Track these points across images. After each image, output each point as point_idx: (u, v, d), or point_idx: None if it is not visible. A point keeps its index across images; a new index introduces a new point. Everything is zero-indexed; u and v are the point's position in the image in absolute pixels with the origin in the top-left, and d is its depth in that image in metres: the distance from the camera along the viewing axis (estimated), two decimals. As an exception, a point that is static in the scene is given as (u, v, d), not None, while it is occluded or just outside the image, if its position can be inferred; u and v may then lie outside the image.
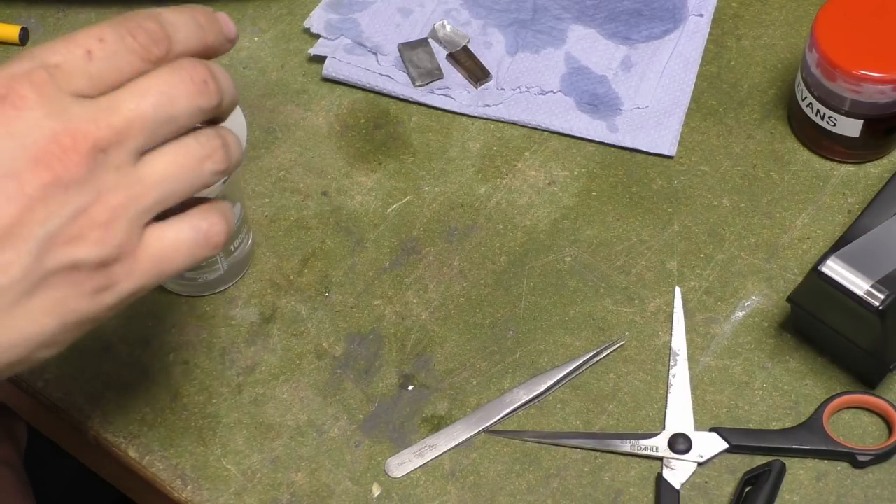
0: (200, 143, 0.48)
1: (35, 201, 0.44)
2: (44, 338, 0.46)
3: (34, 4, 0.87)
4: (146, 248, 0.47)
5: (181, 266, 0.48)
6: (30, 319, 0.45)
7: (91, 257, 0.45)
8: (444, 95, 0.80)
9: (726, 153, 0.77)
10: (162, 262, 0.47)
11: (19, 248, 0.44)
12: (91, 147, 0.44)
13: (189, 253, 0.48)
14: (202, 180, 0.48)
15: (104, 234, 0.45)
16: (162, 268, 0.47)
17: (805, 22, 0.82)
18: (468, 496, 0.65)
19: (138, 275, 0.47)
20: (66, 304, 0.45)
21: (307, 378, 0.69)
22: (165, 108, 0.46)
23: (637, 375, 0.69)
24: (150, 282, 0.47)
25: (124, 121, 0.45)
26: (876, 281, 0.62)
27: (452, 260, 0.73)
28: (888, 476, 0.65)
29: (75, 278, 0.45)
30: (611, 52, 0.81)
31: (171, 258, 0.47)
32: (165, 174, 0.47)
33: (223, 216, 0.49)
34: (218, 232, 0.49)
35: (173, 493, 0.66)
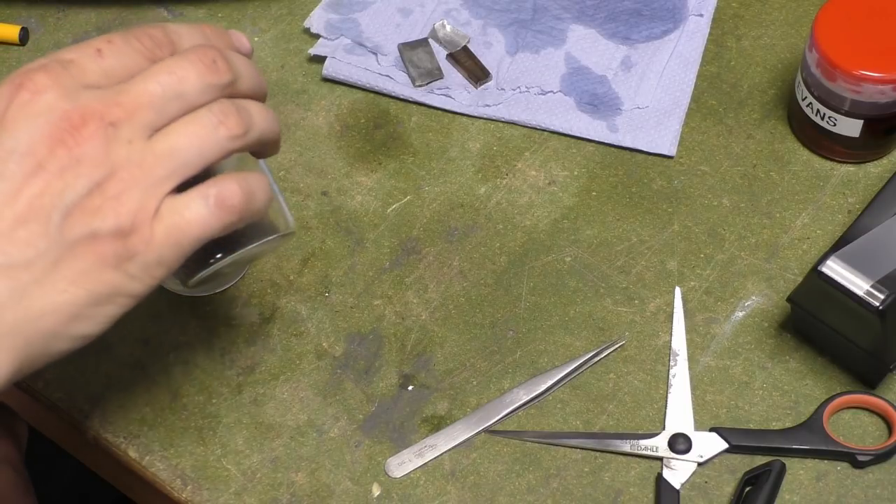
0: (212, 111, 0.49)
1: (52, 175, 0.46)
2: (74, 308, 0.47)
3: (34, 4, 0.87)
4: (161, 219, 0.48)
5: (200, 234, 0.49)
6: (58, 290, 0.47)
7: (107, 227, 0.47)
8: (444, 95, 0.80)
9: (726, 153, 0.77)
10: (178, 232, 0.48)
11: (42, 222, 0.46)
12: (102, 122, 0.47)
13: (203, 221, 0.48)
14: (217, 147, 0.49)
15: (118, 205, 0.47)
16: (178, 238, 0.48)
17: (805, 22, 0.82)
18: (468, 496, 0.65)
19: (156, 245, 0.48)
20: (91, 275, 0.47)
21: (307, 378, 0.69)
22: (173, 86, 0.48)
23: (637, 375, 0.69)
24: (170, 253, 0.48)
25: (133, 98, 0.47)
26: (876, 281, 0.62)
27: (452, 260, 0.73)
28: (888, 476, 0.65)
29: (96, 249, 0.47)
30: (611, 52, 0.81)
31: (185, 227, 0.48)
32: (177, 145, 0.48)
33: (236, 181, 0.49)
34: (231, 195, 0.49)
35: (173, 493, 0.66)
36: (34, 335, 0.47)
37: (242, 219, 0.50)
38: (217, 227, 0.49)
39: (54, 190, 0.46)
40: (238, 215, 0.49)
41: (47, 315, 0.47)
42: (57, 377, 0.70)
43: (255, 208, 0.50)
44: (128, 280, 0.48)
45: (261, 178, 0.51)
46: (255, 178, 0.51)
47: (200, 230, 0.48)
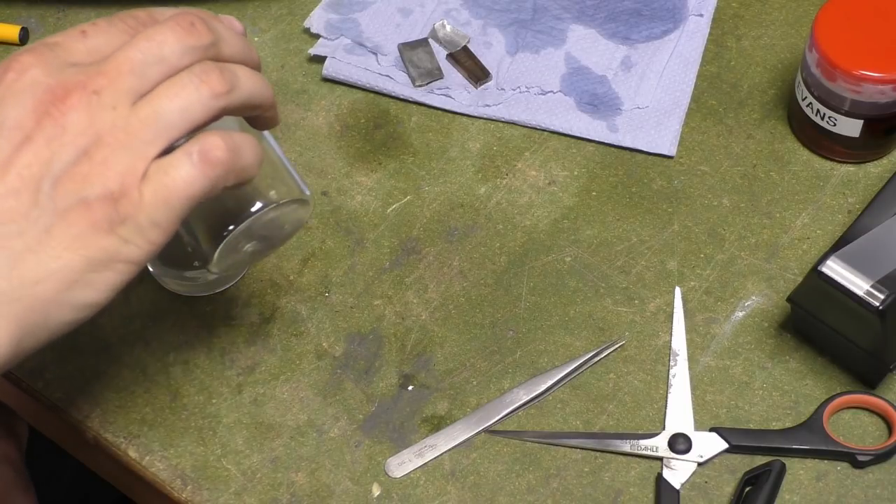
0: (192, 72, 0.49)
1: (40, 146, 0.47)
2: (70, 274, 0.48)
3: (34, 4, 0.87)
4: (149, 181, 0.48)
5: (188, 191, 0.49)
6: (52, 256, 0.47)
7: (97, 192, 0.47)
8: (444, 95, 0.80)
9: (726, 153, 0.77)
10: (166, 191, 0.48)
11: (32, 191, 0.47)
12: (85, 91, 0.48)
13: (190, 177, 0.49)
14: (201, 106, 0.49)
15: (106, 170, 0.47)
16: (167, 197, 0.48)
17: (805, 22, 0.82)
18: (468, 496, 0.65)
19: (146, 207, 0.48)
20: (84, 240, 0.47)
21: (307, 378, 0.69)
22: (153, 50, 0.49)
23: (637, 375, 0.69)
24: (161, 214, 0.48)
25: (114, 67, 0.48)
26: (876, 281, 0.62)
27: (452, 260, 0.73)
28: (888, 476, 0.65)
29: (87, 215, 0.47)
30: (611, 52, 0.81)
31: (172, 186, 0.48)
32: (159, 107, 0.48)
33: (219, 135, 0.50)
34: (213, 148, 0.49)
35: (173, 493, 0.66)
36: (32, 303, 0.48)
37: (231, 174, 0.50)
38: (205, 183, 0.49)
39: (42, 159, 0.47)
40: (224, 169, 0.49)
41: (43, 282, 0.47)
42: (57, 377, 0.70)
43: (243, 164, 0.50)
44: (122, 244, 0.48)
45: (248, 137, 0.51)
46: (242, 135, 0.51)
47: (188, 187, 0.49)
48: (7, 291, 0.47)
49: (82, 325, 0.71)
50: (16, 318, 0.47)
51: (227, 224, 0.56)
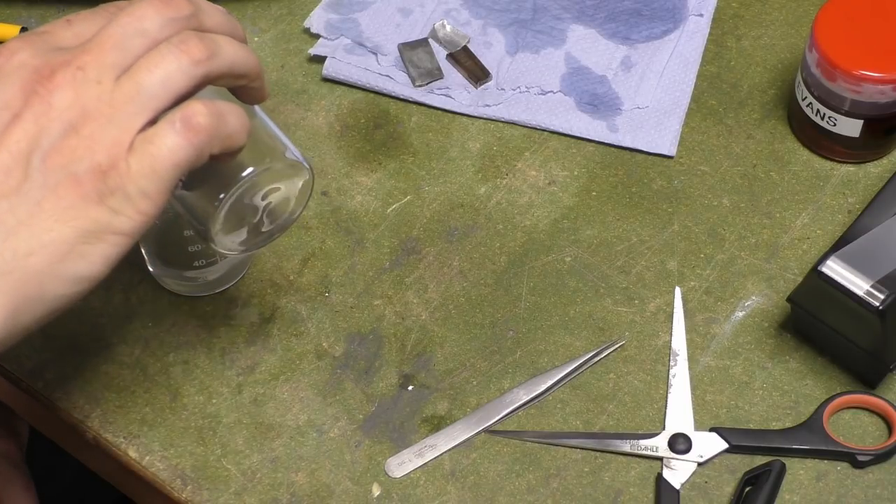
0: (171, 42, 0.50)
1: (29, 123, 0.48)
2: (63, 245, 0.48)
3: (34, 4, 0.87)
4: (135, 152, 0.49)
5: (174, 159, 0.49)
6: (44, 228, 0.48)
7: (85, 166, 0.48)
8: (444, 95, 0.80)
9: (726, 153, 0.77)
10: (152, 160, 0.49)
11: (22, 166, 0.48)
12: (69, 68, 0.49)
13: (174, 145, 0.49)
14: (181, 74, 0.50)
15: (93, 144, 0.48)
16: (153, 166, 0.49)
17: (805, 22, 0.82)
18: (468, 496, 0.65)
19: (134, 177, 0.49)
20: (75, 211, 0.48)
21: (307, 378, 0.69)
22: (133, 24, 0.50)
23: (637, 375, 0.69)
24: (149, 183, 0.49)
25: (97, 44, 0.50)
26: (876, 281, 0.62)
27: (452, 260, 0.73)
28: (888, 476, 0.65)
29: (77, 188, 0.48)
30: (611, 52, 0.81)
31: (158, 154, 0.49)
32: (141, 79, 0.49)
33: (201, 102, 0.50)
34: (195, 114, 0.50)
35: (173, 493, 0.66)
36: (25, 275, 0.48)
37: (215, 140, 0.50)
38: (190, 150, 0.49)
39: (30, 136, 0.48)
40: (207, 135, 0.50)
41: (36, 253, 0.48)
42: (57, 377, 0.70)
43: (228, 130, 0.51)
44: (113, 215, 0.49)
45: (233, 105, 0.52)
46: (226, 103, 0.51)
47: (173, 155, 0.49)
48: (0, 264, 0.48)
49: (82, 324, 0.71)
50: (10, 290, 0.48)
51: (219, 193, 0.56)
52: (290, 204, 0.60)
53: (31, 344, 0.71)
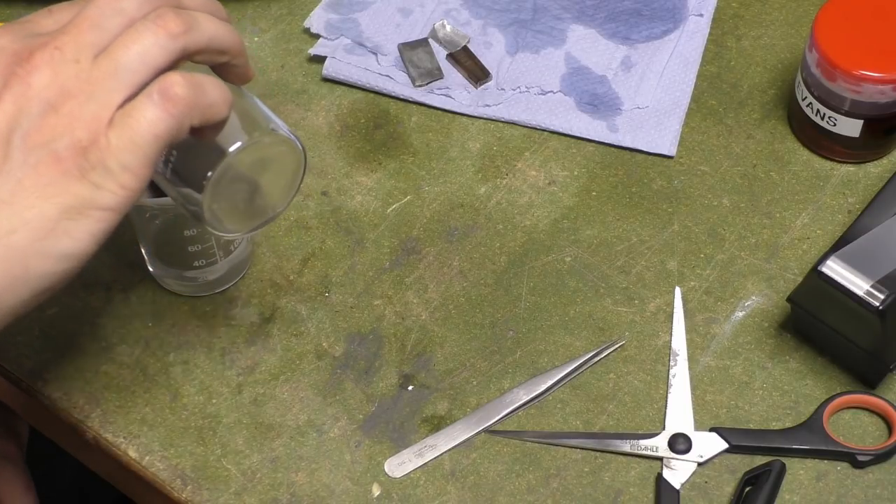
0: (148, 18, 0.50)
1: (8, 104, 0.49)
2: (45, 222, 0.48)
3: (34, 4, 0.87)
4: (114, 126, 0.49)
5: (153, 131, 0.49)
6: (25, 206, 0.48)
7: (65, 143, 0.48)
8: (444, 95, 0.80)
9: (726, 153, 0.77)
10: (131, 133, 0.49)
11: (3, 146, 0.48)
12: (47, 49, 0.49)
13: (153, 117, 0.49)
14: (159, 48, 0.50)
15: (73, 121, 0.49)
16: (133, 138, 0.49)
17: (805, 22, 0.82)
18: (468, 496, 0.65)
19: (114, 151, 0.49)
20: (56, 187, 0.48)
21: (307, 378, 0.69)
22: (110, 4, 0.50)
23: (637, 375, 0.69)
24: (130, 157, 0.49)
25: (74, 24, 0.50)
26: (876, 281, 0.62)
27: (452, 260, 0.73)
28: (888, 476, 0.65)
29: (58, 164, 0.48)
30: (611, 52, 0.81)
31: (137, 127, 0.49)
32: (119, 56, 0.49)
33: (179, 73, 0.50)
34: (172, 84, 0.49)
35: (173, 493, 0.66)
36: (8, 253, 0.48)
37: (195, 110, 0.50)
38: (169, 121, 0.49)
39: (10, 115, 0.48)
40: (185, 104, 0.50)
41: (18, 231, 0.48)
42: (57, 377, 0.70)
43: (207, 100, 0.51)
44: (95, 190, 0.49)
45: (213, 78, 0.52)
46: (205, 75, 0.51)
47: (152, 127, 0.49)
48: None
49: (82, 324, 0.71)
50: None
51: (207, 171, 0.55)
52: (283, 184, 0.60)
53: (31, 344, 0.71)
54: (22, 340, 0.71)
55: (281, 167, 0.59)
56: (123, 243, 0.74)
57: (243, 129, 0.56)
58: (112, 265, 0.74)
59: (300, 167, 0.59)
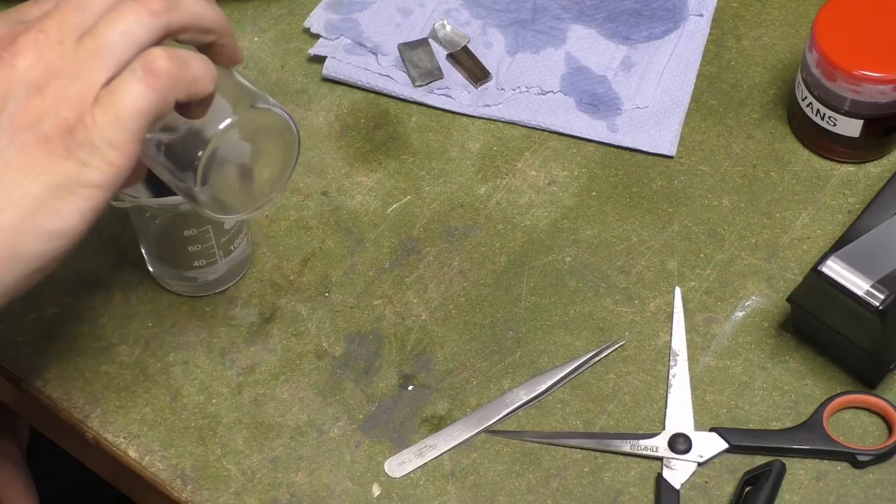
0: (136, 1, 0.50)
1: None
2: (33, 200, 0.49)
3: (34, 4, 0.87)
4: (99, 104, 0.49)
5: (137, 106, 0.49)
6: (13, 185, 0.49)
7: (51, 123, 0.49)
8: (444, 95, 0.80)
9: (726, 153, 0.77)
10: (115, 109, 0.49)
11: None
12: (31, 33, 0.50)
13: (137, 92, 0.49)
14: (140, 26, 0.50)
15: (58, 102, 0.49)
16: (118, 114, 0.49)
17: (805, 22, 0.82)
18: (468, 496, 0.65)
19: (100, 128, 0.49)
20: (43, 166, 0.49)
21: (307, 378, 0.69)
22: None
23: (637, 375, 0.69)
24: (115, 133, 0.49)
25: (58, 8, 0.50)
26: (876, 281, 0.62)
27: (452, 260, 0.73)
28: (888, 476, 0.65)
29: (45, 145, 0.49)
30: (611, 52, 0.81)
31: (121, 103, 0.49)
32: (102, 35, 0.50)
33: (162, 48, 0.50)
34: (155, 59, 0.50)
35: (173, 493, 0.66)
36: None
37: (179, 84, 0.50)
38: (153, 95, 0.49)
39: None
40: (169, 78, 0.50)
41: (6, 210, 0.48)
42: (57, 377, 0.70)
43: (192, 75, 0.51)
44: (82, 168, 0.49)
45: (197, 54, 0.52)
46: (189, 51, 0.52)
47: (136, 101, 0.49)
48: None
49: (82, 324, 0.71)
50: None
51: (198, 151, 0.55)
52: (278, 163, 0.59)
53: (31, 344, 0.71)
54: (22, 340, 0.71)
55: (275, 145, 0.59)
56: (123, 243, 0.74)
57: (233, 108, 0.56)
58: (112, 265, 0.74)
59: (294, 145, 0.59)
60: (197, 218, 0.67)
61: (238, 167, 0.58)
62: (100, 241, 0.75)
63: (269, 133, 0.58)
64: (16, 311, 0.72)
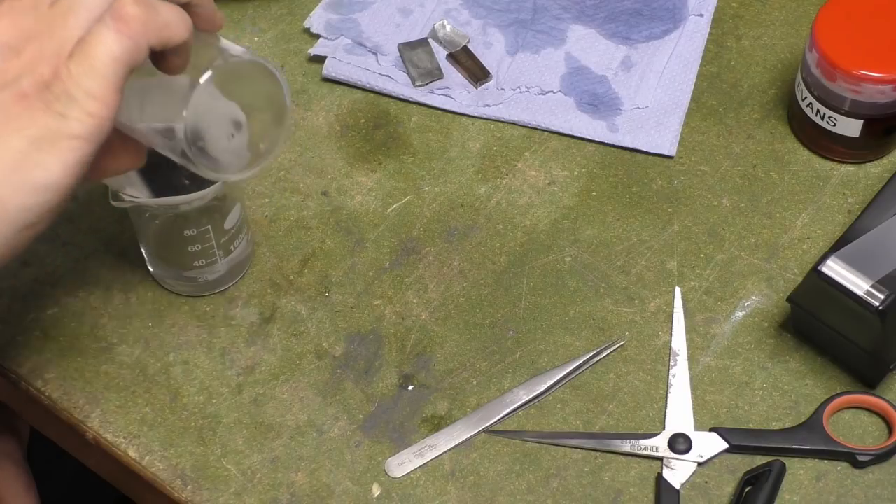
0: None
1: None
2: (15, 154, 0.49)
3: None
4: (74, 57, 0.50)
5: (111, 54, 0.50)
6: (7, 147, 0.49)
7: (29, 82, 0.50)
8: (444, 95, 0.80)
9: (726, 153, 0.77)
10: (90, 59, 0.49)
11: None
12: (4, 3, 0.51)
13: (109, 40, 0.49)
14: None
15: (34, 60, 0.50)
16: (93, 64, 0.49)
17: (805, 22, 0.82)
18: (468, 496, 0.65)
19: (76, 79, 0.49)
20: (22, 120, 0.49)
21: (307, 378, 0.69)
22: None
23: (637, 375, 0.69)
24: (93, 82, 0.49)
25: None
26: (876, 281, 0.62)
27: (452, 260, 0.73)
28: (888, 476, 0.65)
29: (23, 101, 0.50)
30: (611, 52, 0.81)
31: (94, 54, 0.49)
32: None
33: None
34: (121, 6, 0.50)
35: (173, 493, 0.66)
36: None
37: (152, 32, 0.50)
38: (126, 41, 0.50)
39: None
40: (140, 24, 0.50)
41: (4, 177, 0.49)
42: (57, 377, 0.70)
43: (161, 20, 0.51)
44: (62, 120, 0.49)
45: (168, 3, 0.52)
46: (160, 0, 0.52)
47: (109, 49, 0.49)
48: None
49: (82, 324, 0.71)
50: None
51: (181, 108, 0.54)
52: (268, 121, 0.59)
53: (31, 344, 0.71)
54: (22, 340, 0.71)
55: (263, 100, 0.58)
56: (123, 243, 0.74)
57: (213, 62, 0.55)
58: (112, 265, 0.74)
59: (282, 97, 0.58)
60: (197, 218, 0.67)
61: (228, 123, 0.58)
62: (100, 241, 0.75)
63: (257, 88, 0.58)
64: (16, 311, 0.72)
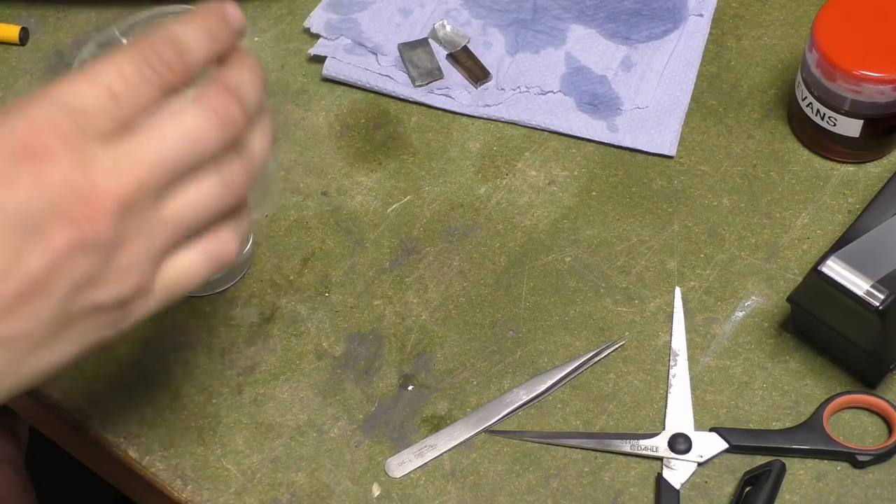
0: (223, 178, 0.47)
1: (62, 258, 0.43)
2: (62, 364, 0.47)
3: (34, 4, 0.87)
4: (161, 278, 0.48)
5: (192, 287, 0.49)
6: (54, 354, 0.46)
7: (112, 299, 0.46)
8: (444, 95, 0.80)
9: (726, 153, 0.77)
10: (175, 288, 0.49)
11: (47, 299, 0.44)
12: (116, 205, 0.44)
13: (199, 275, 0.49)
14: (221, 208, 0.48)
15: (124, 277, 0.46)
16: (174, 291, 0.49)
17: (805, 22, 0.82)
18: (468, 496, 0.65)
19: (153, 303, 0.48)
20: (87, 336, 0.47)
21: (307, 378, 0.69)
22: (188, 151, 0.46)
23: (637, 375, 0.69)
24: (162, 305, 0.49)
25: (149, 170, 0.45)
26: (876, 281, 0.62)
27: (452, 260, 0.73)
28: (888, 476, 0.65)
29: (98, 317, 0.46)
30: (611, 52, 0.81)
31: (183, 283, 0.49)
32: (185, 212, 0.47)
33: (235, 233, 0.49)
34: (228, 251, 0.49)
35: (173, 493, 0.66)
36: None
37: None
38: (207, 274, 0.49)
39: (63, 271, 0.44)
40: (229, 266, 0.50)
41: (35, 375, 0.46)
42: (57, 377, 0.70)
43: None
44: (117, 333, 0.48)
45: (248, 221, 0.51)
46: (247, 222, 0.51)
47: (196, 283, 0.49)
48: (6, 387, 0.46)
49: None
50: None
51: None
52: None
53: (31, 344, 0.71)
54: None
55: None
56: (123, 243, 0.74)
57: None
58: (112, 265, 0.74)
59: None
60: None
61: None
62: (100, 241, 0.75)
63: None
64: (16, 311, 0.72)
